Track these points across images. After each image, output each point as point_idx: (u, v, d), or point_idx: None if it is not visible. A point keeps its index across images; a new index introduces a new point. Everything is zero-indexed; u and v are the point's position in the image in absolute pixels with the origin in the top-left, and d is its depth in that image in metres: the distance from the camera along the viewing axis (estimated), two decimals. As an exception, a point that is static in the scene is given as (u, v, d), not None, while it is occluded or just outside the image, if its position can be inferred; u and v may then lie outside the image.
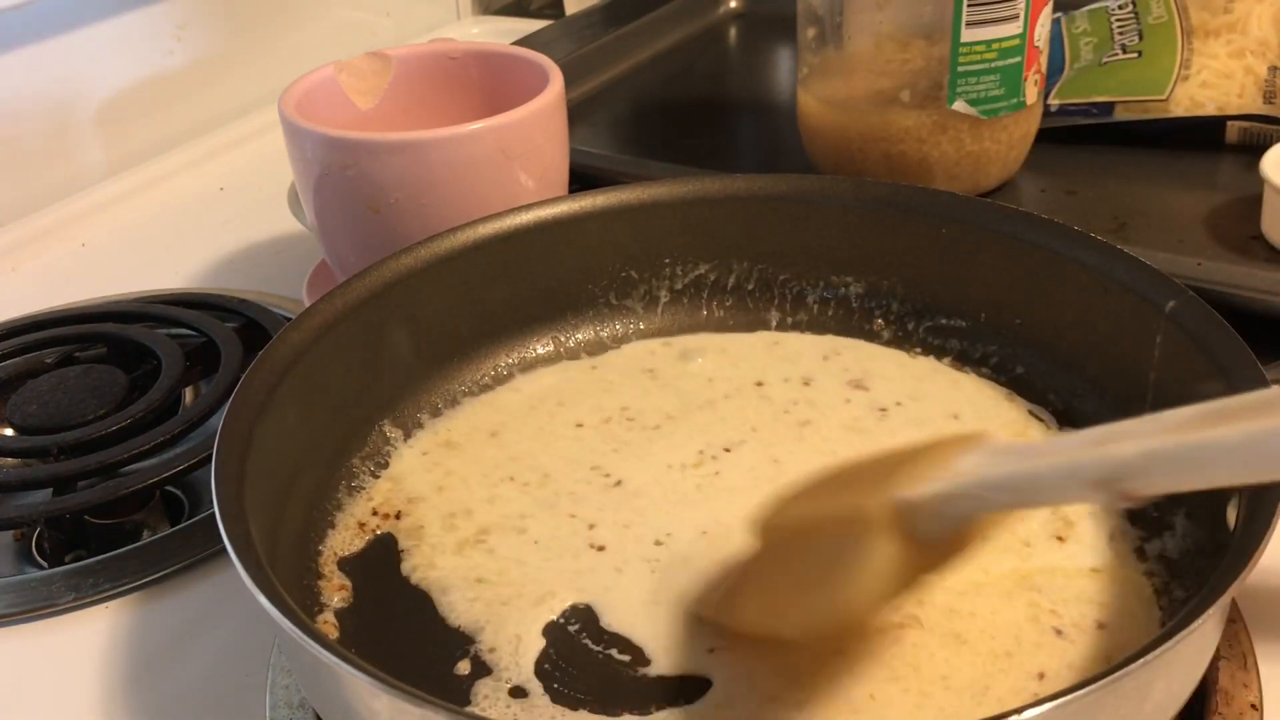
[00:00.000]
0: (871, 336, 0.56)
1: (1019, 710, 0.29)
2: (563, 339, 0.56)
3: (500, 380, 0.54)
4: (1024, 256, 0.51)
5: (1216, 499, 0.40)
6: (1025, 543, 0.43)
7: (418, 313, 0.51)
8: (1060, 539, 0.43)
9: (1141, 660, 0.30)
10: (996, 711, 0.29)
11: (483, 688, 0.39)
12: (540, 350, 0.56)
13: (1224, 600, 0.32)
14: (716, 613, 0.41)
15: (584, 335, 0.56)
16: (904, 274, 0.55)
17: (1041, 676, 0.38)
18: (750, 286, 0.57)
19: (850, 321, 0.56)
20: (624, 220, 0.55)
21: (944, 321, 0.54)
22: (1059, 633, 0.40)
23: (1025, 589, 0.41)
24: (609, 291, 0.56)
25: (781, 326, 0.57)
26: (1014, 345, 0.53)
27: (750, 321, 0.57)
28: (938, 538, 0.34)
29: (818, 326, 0.56)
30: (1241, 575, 0.33)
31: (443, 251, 0.52)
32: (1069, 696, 0.29)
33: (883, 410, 0.51)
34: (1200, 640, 0.35)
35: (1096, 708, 0.30)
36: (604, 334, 0.57)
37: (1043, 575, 0.42)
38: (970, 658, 0.39)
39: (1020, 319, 0.52)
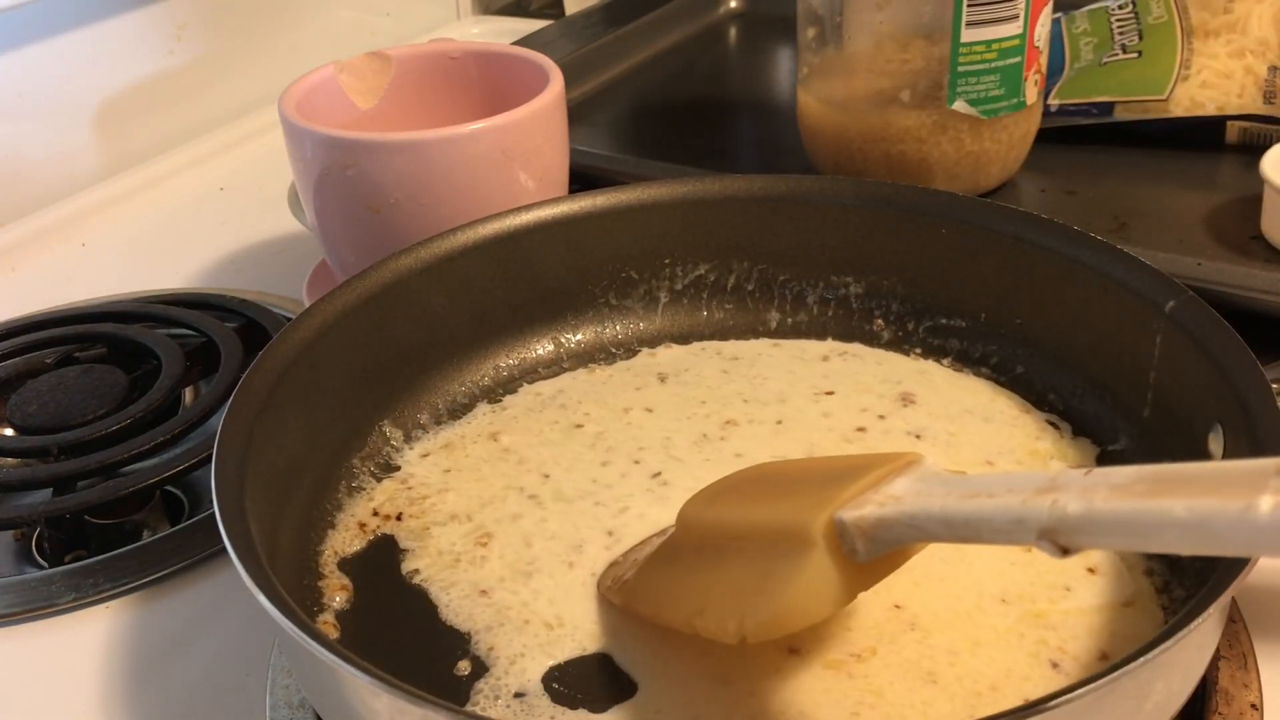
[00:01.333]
0: (871, 337, 0.56)
1: (1019, 710, 0.29)
2: (563, 339, 0.56)
3: (501, 381, 0.54)
4: (1024, 256, 0.51)
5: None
6: (1066, 587, 0.41)
7: (418, 313, 0.51)
8: (1091, 571, 0.42)
9: (1141, 660, 0.30)
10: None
11: (483, 687, 0.39)
12: (540, 351, 0.56)
13: (1224, 600, 0.32)
14: (624, 596, 0.41)
15: (584, 336, 0.56)
16: (904, 274, 0.55)
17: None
18: (750, 287, 0.57)
19: (850, 322, 0.56)
20: (624, 220, 0.55)
21: (944, 321, 0.54)
22: (1055, 665, 0.39)
23: (1038, 628, 0.40)
24: (609, 292, 0.56)
25: (781, 327, 0.57)
26: (1014, 345, 0.53)
27: (750, 322, 0.57)
28: (869, 559, 0.34)
29: (818, 327, 0.56)
30: (1241, 575, 0.33)
31: (443, 251, 0.52)
32: (1069, 696, 0.29)
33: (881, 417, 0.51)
34: (1200, 640, 0.35)
35: (1096, 707, 0.30)
36: (604, 334, 0.57)
37: (1060, 614, 0.40)
38: (943, 693, 0.38)
39: (1020, 319, 0.52)
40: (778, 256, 0.56)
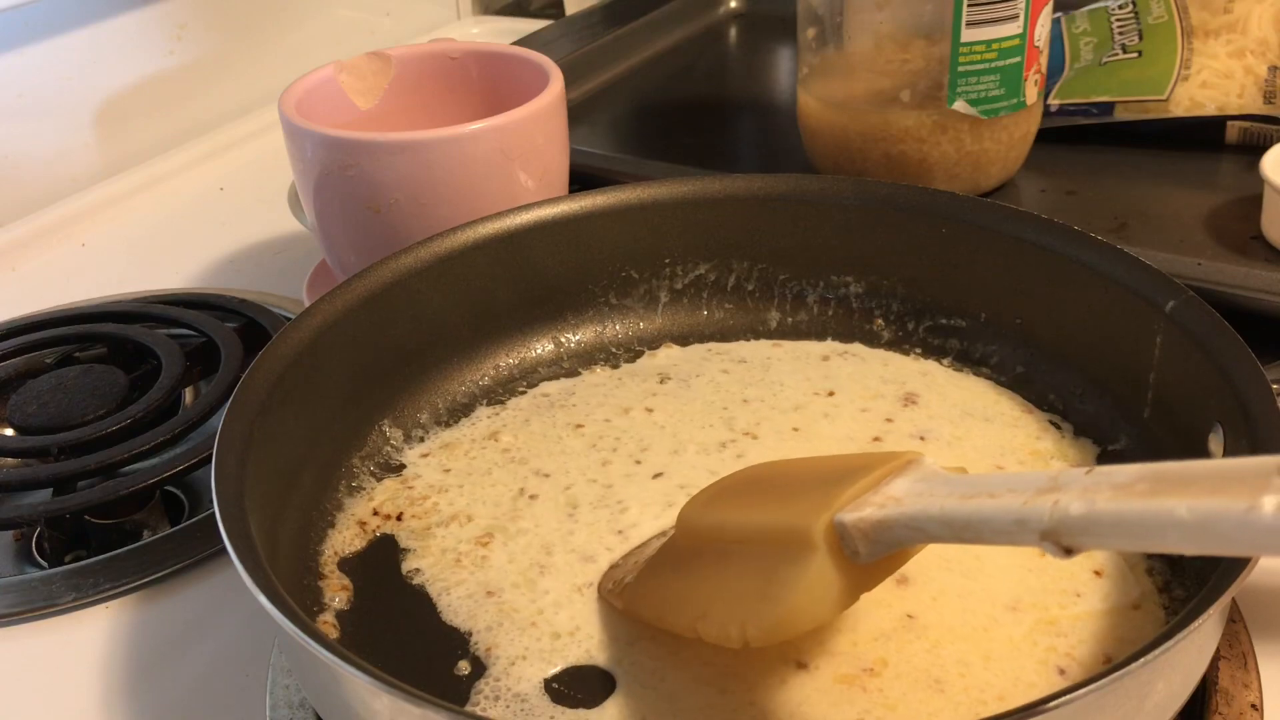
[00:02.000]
0: (871, 337, 0.56)
1: (1022, 709, 0.29)
2: (563, 339, 0.56)
3: (501, 381, 0.54)
4: (1024, 256, 0.51)
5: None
6: (1076, 592, 0.41)
7: (417, 313, 0.51)
8: (1098, 574, 0.42)
9: (1140, 661, 0.30)
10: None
11: (483, 687, 0.39)
12: (540, 351, 0.56)
13: (1224, 601, 0.32)
14: (625, 600, 0.41)
15: (584, 335, 0.56)
16: (904, 274, 0.55)
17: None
18: (750, 286, 0.57)
19: (850, 321, 0.56)
20: (624, 220, 0.55)
21: (944, 321, 0.54)
22: (1061, 672, 0.39)
23: (1049, 635, 0.40)
24: (609, 291, 0.56)
25: (781, 326, 0.57)
26: (1014, 345, 0.53)
27: (750, 321, 0.57)
28: (871, 560, 0.34)
29: (818, 327, 0.56)
30: (1241, 576, 0.33)
31: (443, 251, 0.52)
32: (1069, 697, 0.29)
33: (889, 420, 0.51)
34: (1200, 641, 0.35)
35: (1097, 707, 0.30)
36: (604, 334, 0.57)
37: (1070, 620, 0.40)
38: (949, 703, 0.38)
39: (1020, 319, 0.52)
40: (778, 256, 0.56)
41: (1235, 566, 0.33)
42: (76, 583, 0.49)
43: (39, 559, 0.52)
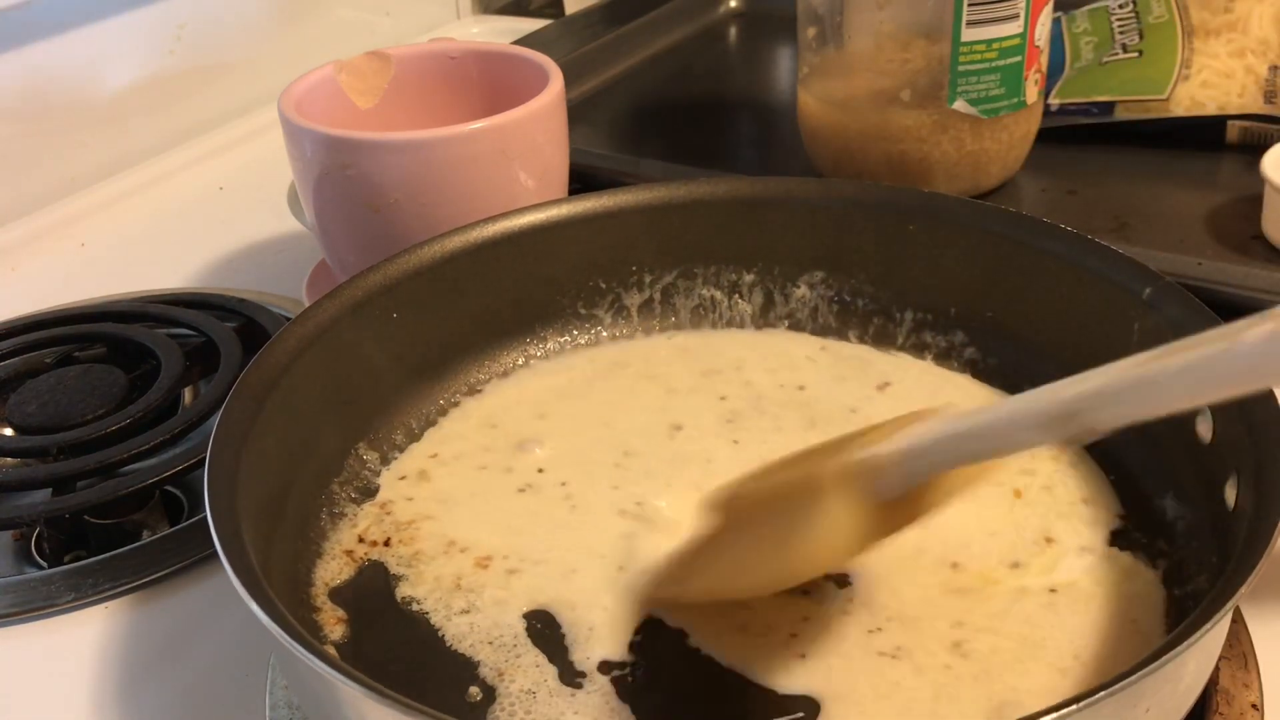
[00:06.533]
0: (843, 335, 0.55)
1: (1038, 713, 0.29)
2: (532, 350, 0.55)
3: (475, 394, 0.53)
4: (992, 250, 0.51)
5: (1208, 479, 0.40)
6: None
7: (388, 331, 0.50)
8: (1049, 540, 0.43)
9: (1159, 658, 0.30)
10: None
11: (499, 713, 0.38)
12: (511, 363, 0.55)
13: (1235, 600, 0.32)
14: (664, 591, 0.41)
15: (552, 345, 0.55)
16: (872, 272, 0.55)
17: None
18: (720, 291, 0.57)
19: (823, 321, 0.56)
20: (591, 229, 0.54)
21: (915, 316, 0.54)
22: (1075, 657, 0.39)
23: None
24: (577, 301, 0.56)
25: (753, 327, 0.56)
26: (988, 338, 0.53)
27: (722, 324, 0.57)
28: (897, 496, 0.35)
29: (791, 327, 0.56)
30: (1252, 575, 0.32)
31: (410, 268, 0.50)
32: (1084, 702, 0.29)
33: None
34: (1214, 638, 0.35)
35: (1138, 694, 0.31)
36: (575, 343, 0.56)
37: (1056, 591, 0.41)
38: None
39: (992, 311, 0.52)
40: (745, 259, 0.56)
41: (1244, 566, 0.33)
42: (75, 583, 0.49)
43: (38, 559, 0.52)
